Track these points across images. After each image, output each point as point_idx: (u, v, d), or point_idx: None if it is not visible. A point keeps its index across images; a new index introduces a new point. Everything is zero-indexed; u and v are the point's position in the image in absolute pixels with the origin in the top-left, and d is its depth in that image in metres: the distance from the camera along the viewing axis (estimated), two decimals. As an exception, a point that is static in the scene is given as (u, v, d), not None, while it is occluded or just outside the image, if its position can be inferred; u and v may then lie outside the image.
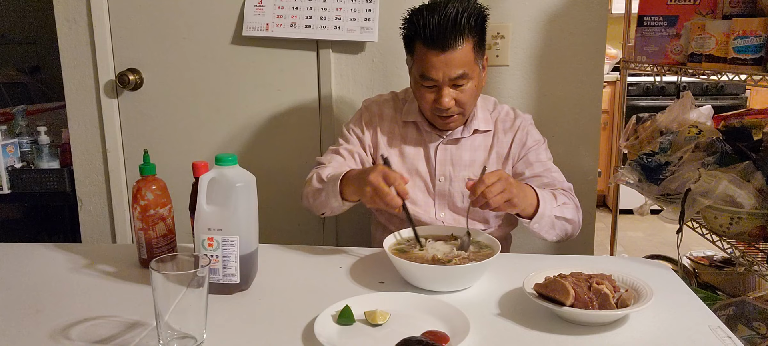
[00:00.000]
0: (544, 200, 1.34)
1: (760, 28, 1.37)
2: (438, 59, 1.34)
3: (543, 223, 1.35)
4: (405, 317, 1.04)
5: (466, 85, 1.39)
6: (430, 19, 1.32)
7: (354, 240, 2.01)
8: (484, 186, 1.21)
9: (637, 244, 3.57)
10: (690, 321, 1.04)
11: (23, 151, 2.27)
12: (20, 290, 1.20)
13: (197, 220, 1.12)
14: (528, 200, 1.32)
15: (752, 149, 1.51)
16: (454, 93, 1.39)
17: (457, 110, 1.42)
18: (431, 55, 1.35)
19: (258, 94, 2.00)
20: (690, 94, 1.83)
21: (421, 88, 1.41)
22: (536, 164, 1.49)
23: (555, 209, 1.37)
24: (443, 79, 1.36)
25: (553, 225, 1.38)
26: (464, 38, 1.34)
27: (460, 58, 1.35)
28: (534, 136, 1.54)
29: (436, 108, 1.41)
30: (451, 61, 1.34)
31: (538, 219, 1.34)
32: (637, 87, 3.90)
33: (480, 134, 1.53)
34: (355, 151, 1.53)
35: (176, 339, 0.93)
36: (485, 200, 1.21)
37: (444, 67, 1.35)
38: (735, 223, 1.37)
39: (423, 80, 1.39)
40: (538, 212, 1.33)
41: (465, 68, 1.36)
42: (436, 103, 1.40)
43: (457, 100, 1.40)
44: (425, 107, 1.44)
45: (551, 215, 1.36)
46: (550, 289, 1.02)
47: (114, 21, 2.00)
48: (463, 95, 1.40)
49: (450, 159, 1.51)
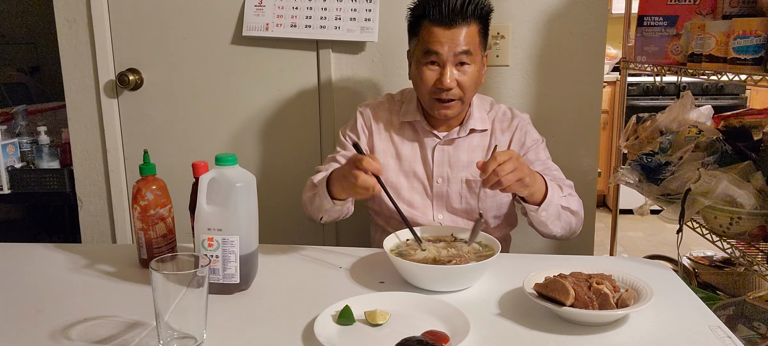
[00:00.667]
0: (551, 188, 1.35)
1: (760, 28, 1.37)
2: (444, 34, 1.37)
3: (550, 211, 1.35)
4: (405, 317, 1.04)
5: (469, 67, 1.40)
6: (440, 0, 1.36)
7: (354, 240, 2.01)
8: (496, 163, 1.20)
9: (637, 244, 3.57)
10: (690, 321, 1.04)
11: (23, 151, 2.27)
12: (20, 290, 1.20)
13: (197, 220, 1.12)
14: (537, 184, 1.31)
15: (752, 149, 1.51)
16: (456, 74, 1.40)
17: (458, 95, 1.42)
18: (438, 30, 1.37)
19: (258, 94, 2.00)
20: (690, 94, 1.83)
21: (423, 68, 1.41)
22: (536, 163, 1.49)
23: (561, 198, 1.38)
24: (448, 55, 1.38)
25: (559, 215, 1.38)
26: (471, 20, 1.38)
27: (466, 36, 1.38)
28: (532, 136, 1.54)
29: (436, 89, 1.41)
30: (457, 36, 1.37)
31: (546, 206, 1.33)
32: (637, 87, 3.90)
33: (477, 134, 1.52)
34: None
35: (176, 339, 0.93)
36: (497, 178, 1.21)
37: (449, 42, 1.37)
38: (735, 223, 1.37)
39: (427, 57, 1.40)
40: (546, 198, 1.33)
41: (470, 46, 1.38)
42: (437, 84, 1.40)
43: (459, 83, 1.40)
44: (425, 90, 1.43)
45: (558, 204, 1.37)
46: (550, 289, 1.02)
47: (114, 21, 2.00)
48: (464, 78, 1.40)
49: (447, 160, 1.51)
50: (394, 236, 1.31)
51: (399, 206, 1.34)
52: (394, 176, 1.52)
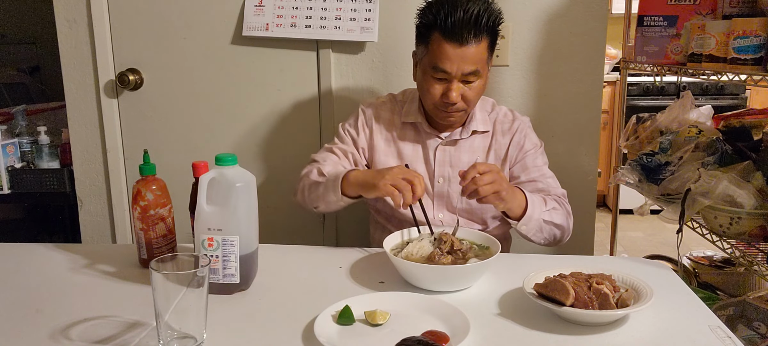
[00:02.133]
0: (532, 203, 1.37)
1: (760, 28, 1.37)
2: (455, 52, 1.36)
3: (531, 225, 1.38)
4: (405, 317, 1.04)
5: (476, 82, 1.41)
6: (453, 11, 1.34)
7: (354, 240, 2.01)
8: (476, 172, 1.24)
9: (637, 244, 3.57)
10: (690, 321, 1.04)
11: (23, 151, 2.27)
12: (20, 290, 1.20)
13: (197, 220, 1.12)
14: (517, 200, 1.35)
15: (752, 149, 1.51)
16: (462, 89, 1.40)
17: (462, 107, 1.43)
18: (448, 47, 1.36)
19: (258, 94, 2.00)
20: (690, 94, 1.83)
21: (430, 79, 1.41)
22: (532, 169, 1.50)
23: (544, 212, 1.40)
24: (456, 73, 1.37)
25: (541, 228, 1.40)
26: (482, 36, 1.37)
27: (475, 55, 1.37)
28: (532, 140, 1.55)
29: (442, 102, 1.42)
30: (466, 56, 1.36)
31: (525, 221, 1.37)
32: (637, 87, 3.90)
33: (479, 135, 1.53)
34: (348, 151, 1.54)
35: (176, 339, 0.93)
36: (475, 186, 1.24)
37: (459, 61, 1.36)
38: (735, 223, 1.37)
39: (435, 72, 1.40)
40: (526, 213, 1.36)
41: (478, 66, 1.38)
42: (443, 98, 1.41)
43: (463, 96, 1.41)
44: (430, 100, 1.44)
45: (539, 219, 1.38)
46: (550, 289, 1.02)
47: (114, 21, 2.00)
48: (470, 92, 1.41)
49: (449, 160, 1.51)
50: (396, 235, 1.31)
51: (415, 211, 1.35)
52: None
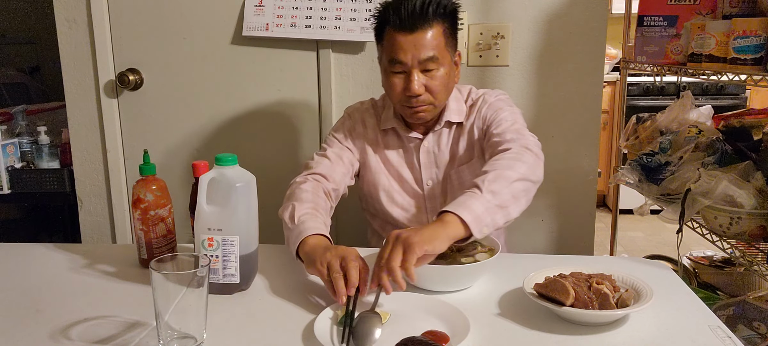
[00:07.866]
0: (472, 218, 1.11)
1: (760, 28, 1.37)
2: (406, 40, 1.33)
3: (485, 230, 1.14)
4: (405, 317, 1.04)
5: (436, 71, 1.36)
6: (401, 3, 1.32)
7: (353, 241, 2.00)
8: (383, 260, 1.06)
9: (637, 244, 3.57)
10: (690, 321, 1.04)
11: (23, 151, 2.27)
12: (20, 290, 1.20)
13: (197, 220, 1.12)
14: (441, 234, 1.09)
15: (752, 149, 1.51)
16: (424, 79, 1.36)
17: (428, 100, 1.38)
18: (399, 37, 1.33)
19: (258, 94, 2.00)
20: (690, 94, 1.83)
21: (390, 75, 1.38)
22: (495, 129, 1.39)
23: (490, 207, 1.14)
24: (412, 62, 1.34)
25: (501, 208, 1.16)
26: (434, 21, 1.33)
27: (430, 41, 1.33)
28: (491, 104, 1.45)
29: (405, 96, 1.38)
30: (419, 42, 1.32)
31: (477, 232, 1.12)
32: (637, 87, 3.90)
33: (455, 126, 1.49)
34: (343, 155, 1.49)
35: (176, 339, 0.93)
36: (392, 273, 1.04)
37: (413, 49, 1.33)
38: (735, 223, 1.37)
39: (392, 66, 1.37)
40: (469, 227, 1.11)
41: (435, 51, 1.34)
42: (406, 91, 1.37)
43: (427, 88, 1.37)
44: (395, 98, 1.40)
45: (490, 216, 1.14)
46: (550, 289, 1.02)
47: (114, 21, 2.00)
48: (433, 82, 1.36)
49: (433, 161, 1.49)
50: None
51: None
52: (386, 180, 1.52)
